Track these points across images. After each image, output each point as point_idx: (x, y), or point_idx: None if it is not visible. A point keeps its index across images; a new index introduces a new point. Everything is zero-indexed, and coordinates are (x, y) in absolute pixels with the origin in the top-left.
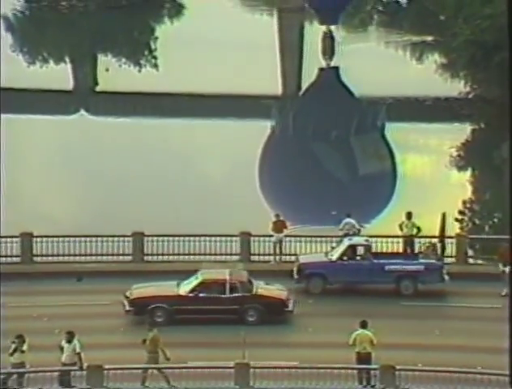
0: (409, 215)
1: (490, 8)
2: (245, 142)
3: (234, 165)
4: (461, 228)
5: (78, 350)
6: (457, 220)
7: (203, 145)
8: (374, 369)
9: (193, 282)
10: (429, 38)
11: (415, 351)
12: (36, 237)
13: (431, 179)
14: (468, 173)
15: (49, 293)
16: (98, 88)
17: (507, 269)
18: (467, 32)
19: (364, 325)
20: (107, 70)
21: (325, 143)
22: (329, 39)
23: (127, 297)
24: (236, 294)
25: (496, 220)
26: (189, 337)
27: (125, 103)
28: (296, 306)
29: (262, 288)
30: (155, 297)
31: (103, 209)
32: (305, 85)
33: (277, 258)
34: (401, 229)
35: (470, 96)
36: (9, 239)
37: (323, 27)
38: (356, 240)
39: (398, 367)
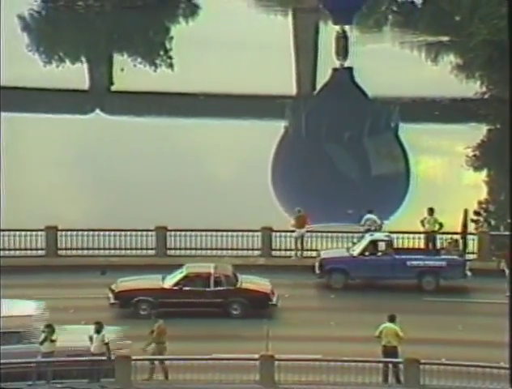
0: (431, 211)
1: (507, 7)
2: (259, 141)
3: (249, 164)
4: (476, 229)
5: (106, 340)
6: (472, 220)
7: (218, 144)
8: (399, 362)
9: (177, 275)
10: (445, 38)
11: (438, 346)
12: (61, 230)
13: (446, 180)
14: (484, 173)
15: (73, 286)
16: (113, 88)
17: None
18: (484, 32)
19: (392, 319)
20: (122, 69)
21: (338, 144)
22: (343, 39)
23: (112, 290)
24: (221, 288)
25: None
26: (173, 330)
27: (141, 103)
28: (280, 300)
29: (246, 281)
30: (140, 290)
31: (122, 206)
32: (319, 85)
33: (298, 253)
34: (423, 225)
35: (486, 96)
36: (34, 232)
37: (337, 28)
38: (377, 235)
39: (422, 361)
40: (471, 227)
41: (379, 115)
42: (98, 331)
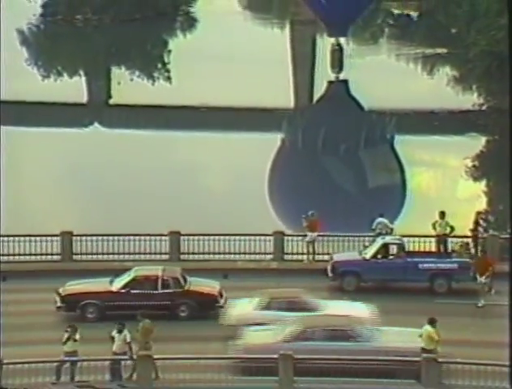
0: (442, 215)
1: (505, 19)
2: (257, 154)
3: (251, 175)
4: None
5: (128, 340)
6: (472, 230)
7: (216, 157)
8: (417, 361)
9: (125, 278)
10: (441, 50)
11: (453, 346)
12: (76, 235)
13: (445, 191)
14: (483, 183)
15: None
16: (111, 101)
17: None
18: (482, 43)
19: (431, 321)
20: (119, 83)
21: (334, 156)
22: (338, 52)
23: (59, 294)
24: (168, 290)
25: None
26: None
27: (139, 116)
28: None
29: (194, 284)
30: (87, 294)
31: (132, 213)
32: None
33: (310, 257)
34: (434, 228)
35: (484, 107)
36: (49, 238)
37: (332, 40)
38: (389, 239)
39: (440, 360)
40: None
41: (375, 127)
42: (120, 331)
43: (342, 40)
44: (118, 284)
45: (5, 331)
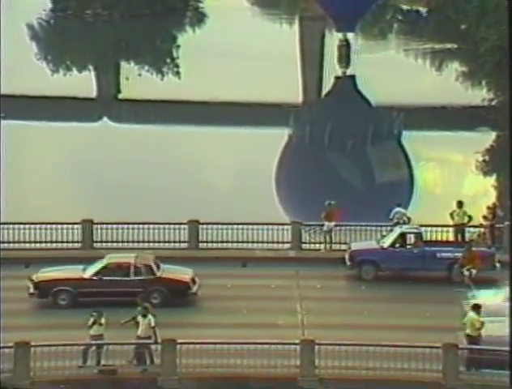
0: (460, 204)
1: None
2: (266, 148)
3: (255, 171)
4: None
5: (152, 324)
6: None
7: (225, 152)
8: (437, 347)
9: (98, 266)
10: (451, 46)
11: None
12: (96, 223)
13: (452, 187)
14: (492, 178)
15: None
16: (121, 96)
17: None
18: (493, 38)
19: (475, 308)
20: (127, 78)
21: (341, 152)
22: (345, 47)
23: (32, 280)
24: (141, 277)
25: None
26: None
27: (148, 110)
28: (200, 289)
29: (167, 271)
30: (59, 280)
31: (148, 203)
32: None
33: (327, 246)
34: (452, 218)
35: (494, 102)
36: (70, 226)
37: (340, 35)
38: (407, 228)
39: (460, 346)
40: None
41: (382, 123)
42: (144, 315)
43: (350, 35)
44: (91, 271)
45: None
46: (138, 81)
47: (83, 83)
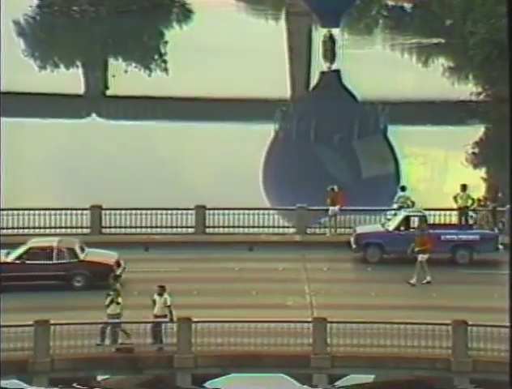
0: (464, 188)
1: (504, 7)
2: (253, 144)
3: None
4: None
5: (168, 303)
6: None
7: (213, 147)
8: (446, 324)
9: (20, 250)
10: (437, 41)
11: (482, 313)
12: (105, 209)
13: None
14: (481, 172)
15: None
16: (109, 92)
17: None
18: (482, 31)
19: None
20: (113, 76)
21: (326, 146)
22: (330, 42)
23: None
24: (63, 261)
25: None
26: (15, 303)
27: (136, 107)
28: (124, 272)
29: (91, 254)
30: None
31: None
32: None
33: (332, 230)
34: (456, 201)
35: (482, 96)
36: (79, 211)
37: (324, 31)
38: (411, 211)
39: (470, 323)
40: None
41: (367, 117)
42: (160, 294)
43: (335, 30)
44: (13, 255)
45: None
46: (126, 77)
47: (70, 79)
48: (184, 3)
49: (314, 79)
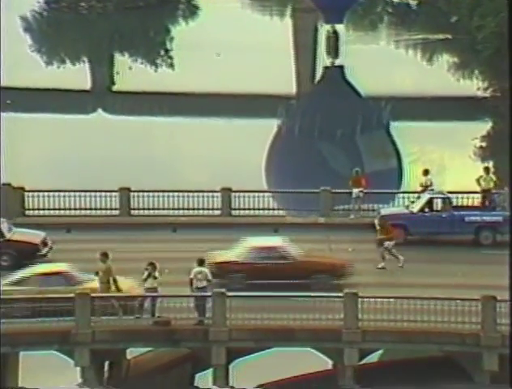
0: (487, 170)
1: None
2: (258, 139)
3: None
4: None
5: (209, 277)
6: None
7: (219, 142)
8: (476, 300)
9: None
10: (443, 36)
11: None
12: (134, 191)
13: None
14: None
15: (147, 241)
16: (115, 88)
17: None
18: (491, 25)
19: None
20: (117, 73)
21: (329, 141)
22: (333, 38)
23: None
24: None
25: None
26: None
27: (142, 102)
28: (50, 251)
29: (17, 234)
30: None
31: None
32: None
33: (356, 212)
34: (479, 184)
35: (489, 90)
36: (108, 193)
37: (329, 27)
38: (435, 193)
39: (498, 298)
40: None
41: (371, 113)
42: (201, 265)
43: (339, 26)
44: None
45: None
46: (132, 73)
47: (77, 75)
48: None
49: (320, 75)
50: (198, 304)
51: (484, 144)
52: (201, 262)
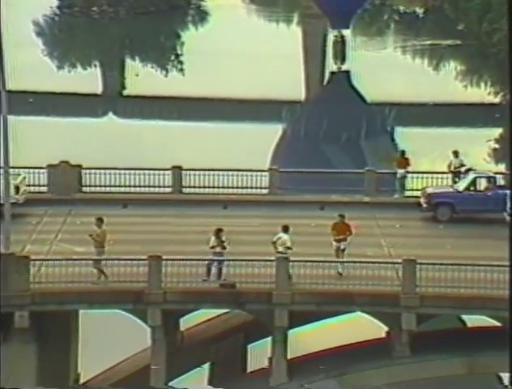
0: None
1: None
2: (265, 144)
3: None
4: None
5: (288, 244)
6: None
7: (229, 147)
8: (505, 265)
9: None
10: (452, 42)
11: None
12: (186, 170)
13: None
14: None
15: (200, 216)
16: (126, 92)
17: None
18: (505, 28)
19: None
20: (137, 75)
21: (334, 146)
22: (340, 43)
23: None
24: None
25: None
26: None
27: (152, 106)
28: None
29: None
30: None
31: None
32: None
33: (401, 192)
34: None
35: (500, 95)
36: (161, 172)
37: (335, 32)
38: (481, 172)
39: None
40: None
41: (375, 118)
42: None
43: (347, 32)
44: None
45: None
46: (142, 77)
47: (89, 79)
48: (199, 5)
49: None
50: None
51: (497, 146)
52: (285, 229)
